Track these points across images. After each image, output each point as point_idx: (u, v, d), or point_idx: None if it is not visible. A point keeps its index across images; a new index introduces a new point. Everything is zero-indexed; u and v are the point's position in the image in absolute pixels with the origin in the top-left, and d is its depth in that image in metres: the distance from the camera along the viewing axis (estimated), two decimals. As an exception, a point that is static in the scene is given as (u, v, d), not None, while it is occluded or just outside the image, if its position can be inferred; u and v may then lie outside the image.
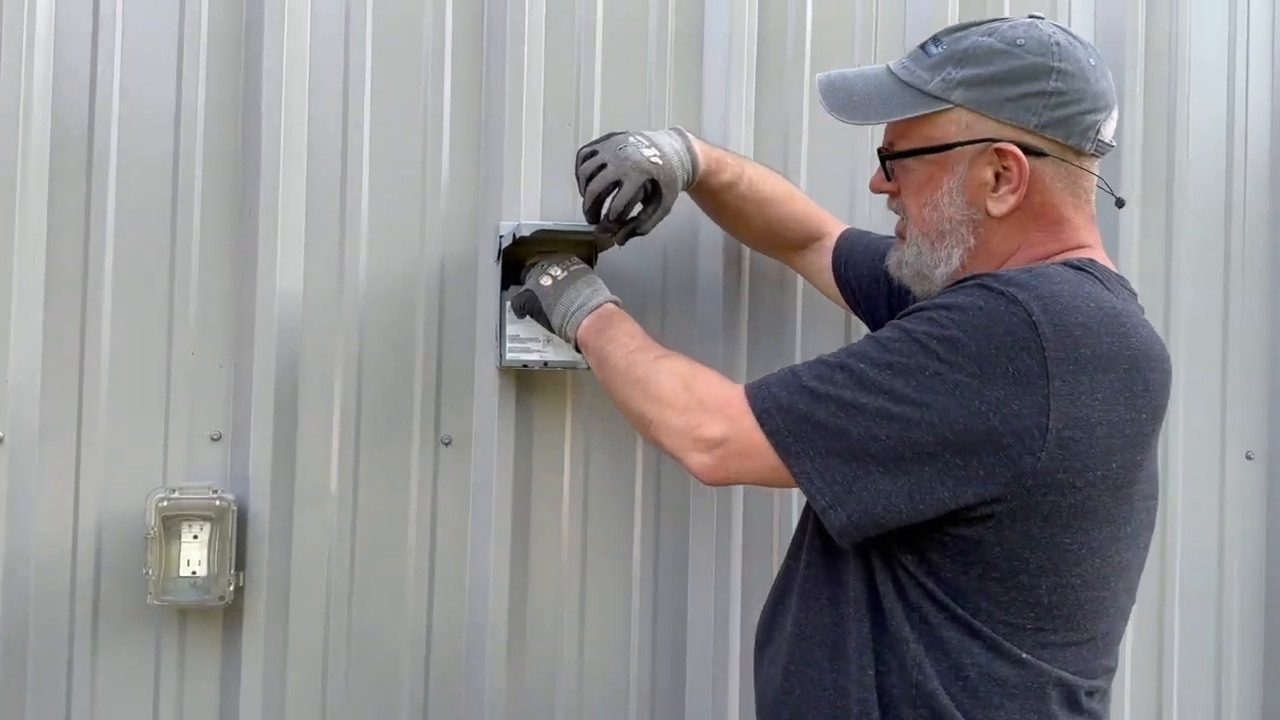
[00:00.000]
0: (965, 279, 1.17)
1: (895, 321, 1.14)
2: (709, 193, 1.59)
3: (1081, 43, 1.19)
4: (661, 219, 1.50)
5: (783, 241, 1.70)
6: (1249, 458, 2.06)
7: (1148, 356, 1.12)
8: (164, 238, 1.64)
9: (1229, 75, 2.05)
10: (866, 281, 1.58)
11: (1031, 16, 1.22)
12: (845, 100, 1.24)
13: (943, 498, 1.08)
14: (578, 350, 1.49)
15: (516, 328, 1.65)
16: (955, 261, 1.22)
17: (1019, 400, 1.04)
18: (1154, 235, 1.99)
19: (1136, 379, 1.10)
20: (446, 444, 1.71)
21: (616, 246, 1.56)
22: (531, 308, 1.54)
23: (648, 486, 1.76)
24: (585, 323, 1.45)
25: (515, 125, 1.72)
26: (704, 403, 1.22)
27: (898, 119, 1.22)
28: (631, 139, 1.46)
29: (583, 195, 1.47)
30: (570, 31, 1.76)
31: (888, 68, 1.24)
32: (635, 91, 1.78)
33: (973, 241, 1.21)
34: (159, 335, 1.64)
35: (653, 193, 1.47)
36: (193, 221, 1.65)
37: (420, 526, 1.70)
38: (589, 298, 1.48)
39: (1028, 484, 1.06)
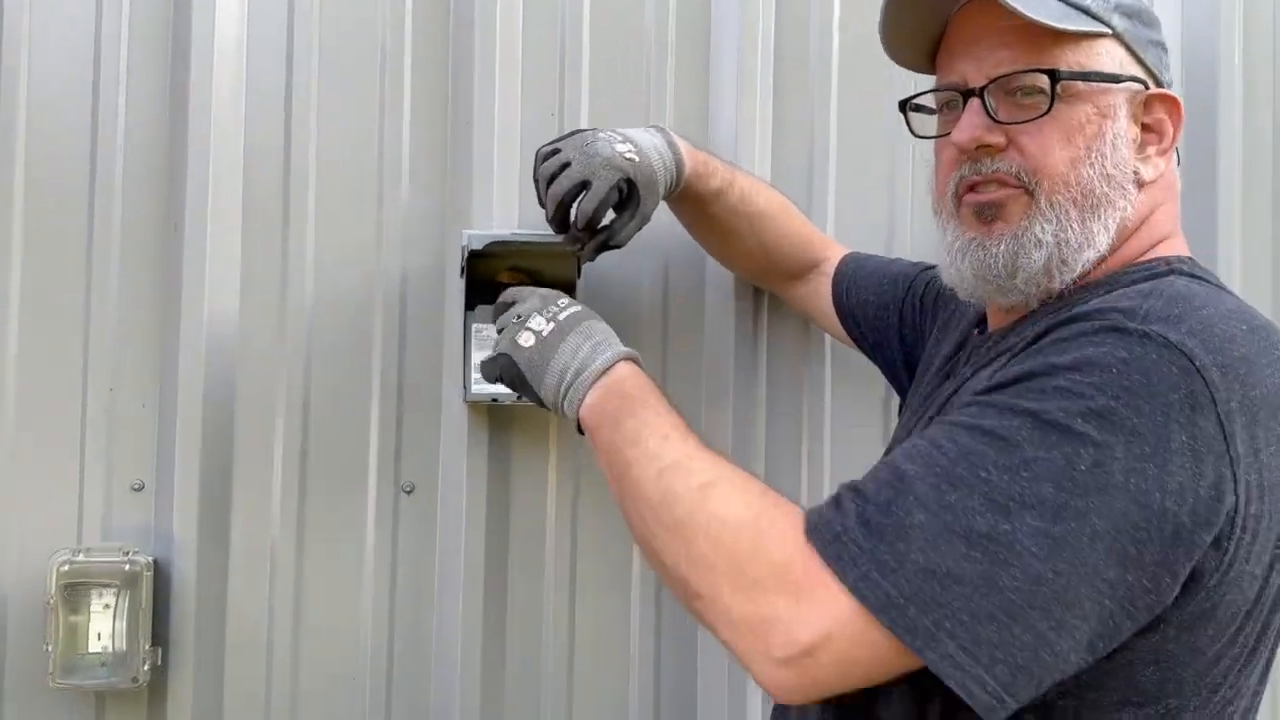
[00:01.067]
0: (1068, 313, 0.84)
1: (995, 397, 0.80)
2: (695, 201, 1.32)
3: None
4: (640, 228, 1.24)
5: (778, 266, 1.43)
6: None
7: None
8: (79, 258, 1.42)
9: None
10: (873, 309, 1.31)
11: None
12: None
13: (1124, 630, 0.76)
14: (580, 431, 1.06)
15: (484, 355, 1.38)
16: (1103, 245, 0.90)
17: (1204, 479, 0.74)
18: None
19: None
20: (408, 492, 1.46)
21: (588, 260, 1.29)
22: (509, 377, 1.11)
23: (647, 542, 1.48)
24: (590, 400, 1.03)
25: (487, 117, 1.47)
26: (781, 574, 0.79)
27: (1070, 28, 0.88)
28: (602, 134, 1.21)
29: (542, 202, 1.21)
30: (553, 12, 1.50)
31: None
32: (631, 83, 1.51)
33: (1130, 213, 0.91)
34: (73, 370, 1.41)
35: (629, 196, 1.21)
36: (111, 238, 1.43)
37: (378, 590, 1.45)
38: (589, 357, 1.04)
39: (1211, 584, 0.77)
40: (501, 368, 1.11)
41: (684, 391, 1.48)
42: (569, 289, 1.41)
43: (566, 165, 1.18)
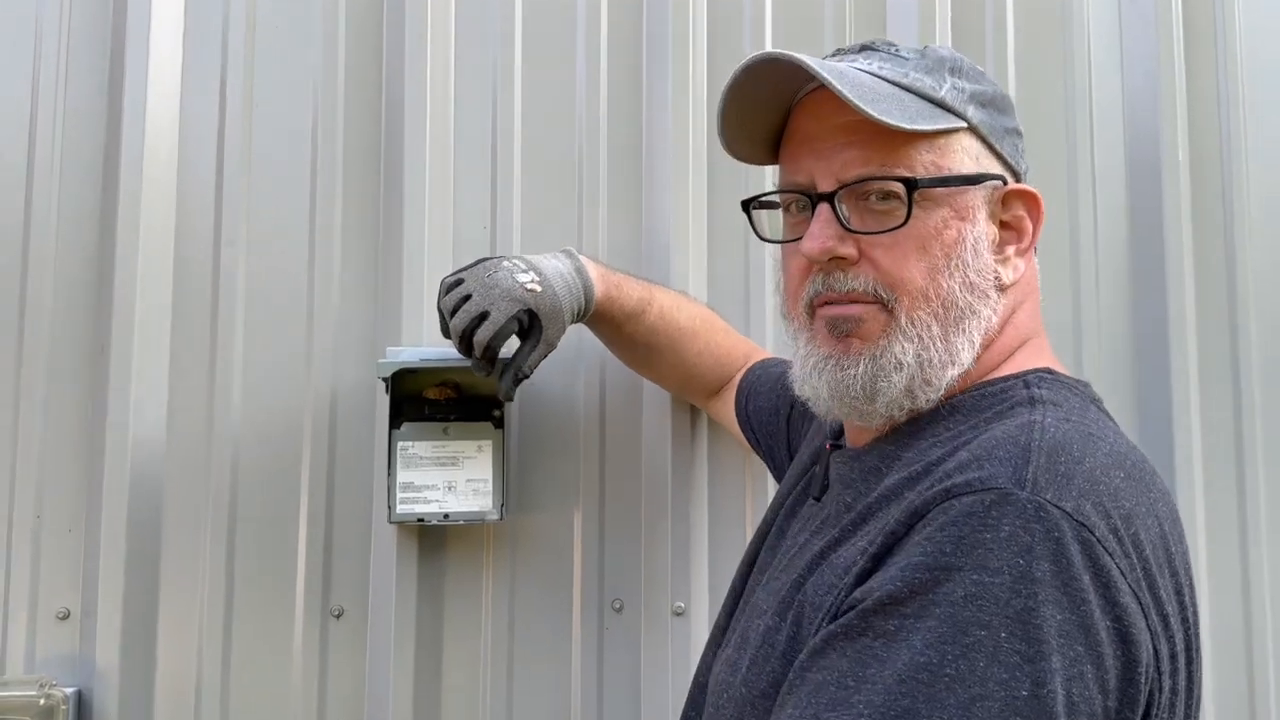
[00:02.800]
0: (939, 470, 0.75)
1: (899, 618, 0.68)
2: (609, 323, 1.30)
3: None
4: (545, 355, 1.22)
5: (698, 383, 1.39)
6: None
7: (1175, 521, 0.78)
8: (8, 381, 1.42)
9: None
10: (766, 415, 1.25)
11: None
12: (853, 87, 0.80)
13: None
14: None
15: (410, 474, 1.37)
16: (967, 359, 0.83)
17: (1135, 663, 0.68)
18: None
19: (1178, 562, 0.75)
20: (337, 616, 1.42)
21: (507, 398, 1.26)
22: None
23: (588, 673, 1.42)
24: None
25: (418, 230, 1.45)
26: None
27: (925, 128, 0.81)
28: (505, 264, 1.20)
29: (445, 332, 1.21)
30: (484, 126, 1.49)
31: (854, 68, 0.85)
32: (564, 191, 1.49)
33: (993, 322, 0.84)
34: (-2, 495, 1.40)
35: (530, 325, 1.19)
36: (39, 360, 1.42)
37: (306, 717, 1.40)
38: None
39: None
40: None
41: (623, 499, 1.44)
42: (497, 402, 1.39)
43: (468, 297, 1.17)
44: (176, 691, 1.39)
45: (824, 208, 0.83)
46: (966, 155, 0.84)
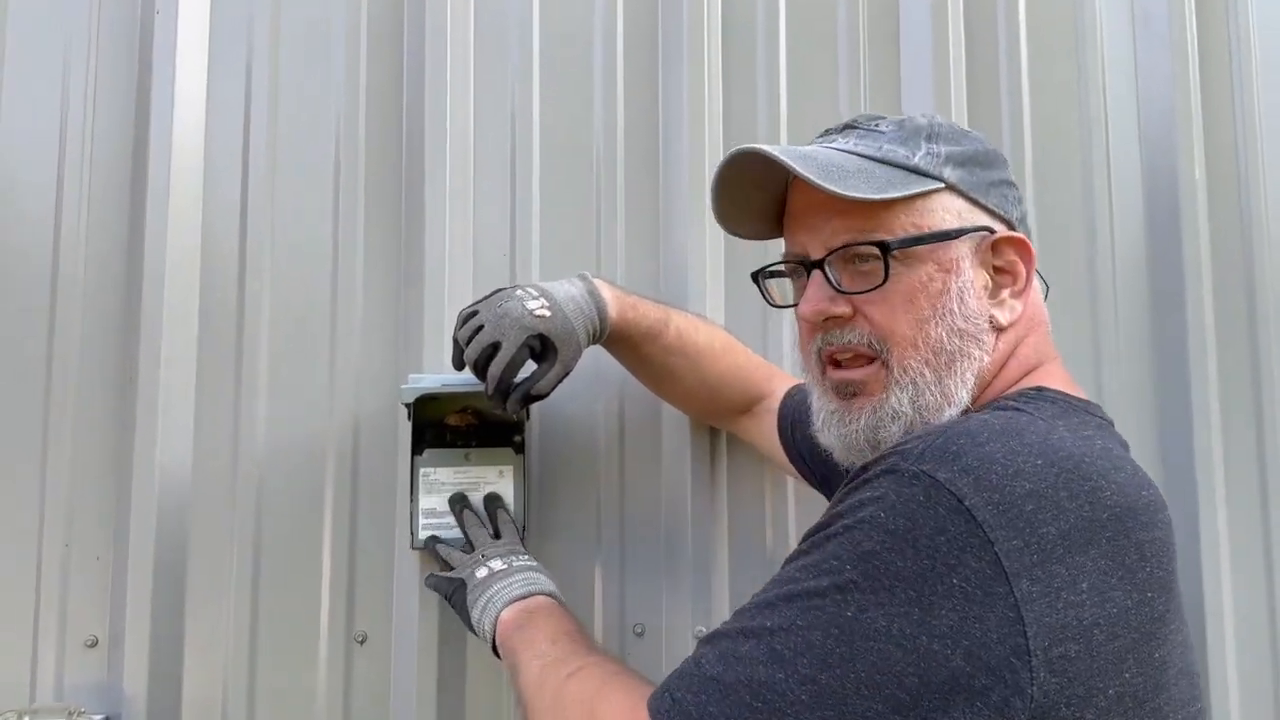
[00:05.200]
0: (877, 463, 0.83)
1: (796, 550, 0.82)
2: (627, 345, 1.31)
3: None
4: (560, 377, 1.22)
5: (722, 404, 1.40)
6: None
7: (1133, 510, 0.79)
8: (36, 413, 1.43)
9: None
10: (815, 441, 1.25)
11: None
12: (819, 169, 0.89)
13: None
14: (496, 654, 1.17)
15: (432, 500, 1.38)
16: (963, 399, 0.91)
17: (980, 622, 0.73)
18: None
19: (1127, 547, 0.78)
20: (361, 642, 1.43)
21: (525, 418, 1.29)
22: (457, 601, 1.25)
23: (607, 689, 1.43)
24: (505, 615, 1.17)
25: (438, 258, 1.47)
26: None
27: (895, 195, 0.90)
28: (518, 292, 1.23)
29: (455, 364, 1.23)
30: (504, 145, 1.51)
31: (829, 148, 0.95)
32: (582, 217, 1.51)
33: (986, 362, 0.92)
34: (28, 524, 1.42)
35: (544, 350, 1.21)
36: (68, 392, 1.44)
37: (331, 744, 1.41)
38: (515, 589, 1.20)
39: None
40: (453, 588, 1.25)
41: (644, 523, 1.45)
42: (517, 427, 1.40)
43: (481, 328, 1.20)
44: (203, 717, 1.40)
45: (816, 274, 0.93)
46: (947, 213, 0.92)
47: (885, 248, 0.89)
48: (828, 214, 0.92)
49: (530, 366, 1.23)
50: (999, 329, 0.92)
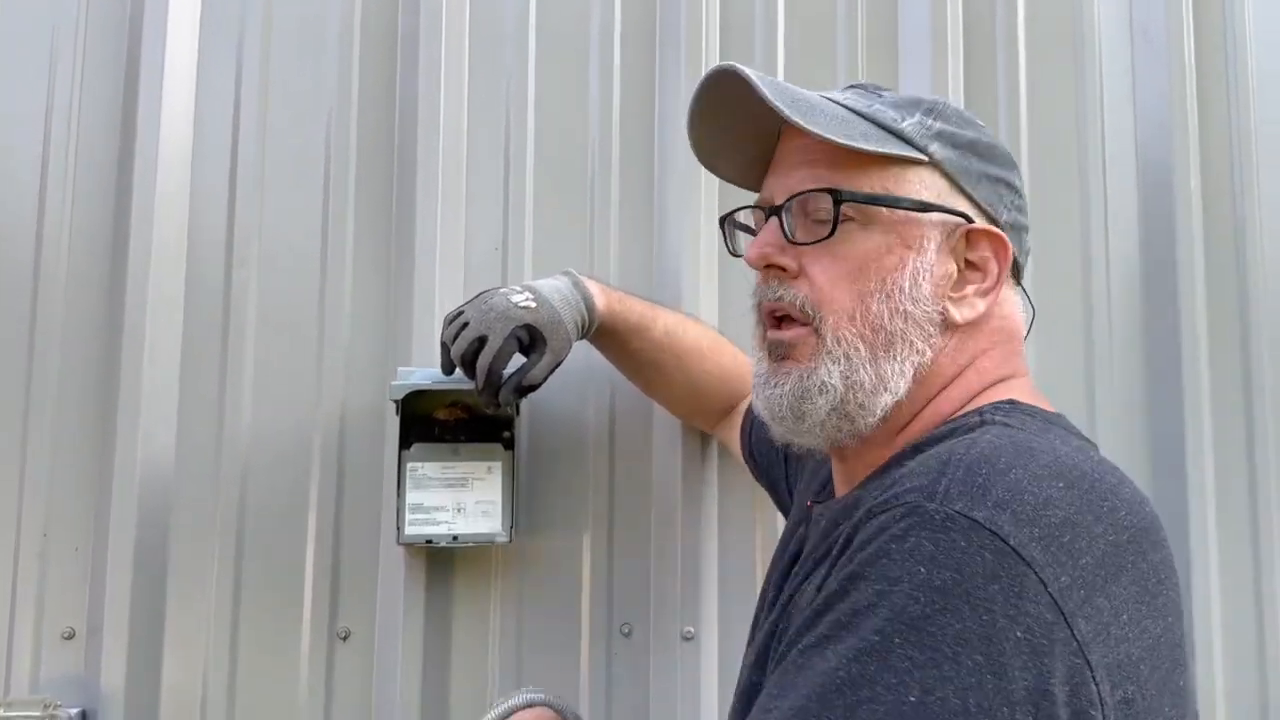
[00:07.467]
0: (871, 501, 0.73)
1: (815, 631, 0.69)
2: (615, 338, 1.31)
3: None
4: (551, 366, 1.22)
5: (706, 404, 1.39)
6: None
7: (1145, 530, 0.73)
8: (17, 400, 1.41)
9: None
10: (766, 446, 1.23)
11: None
12: (791, 100, 0.82)
13: None
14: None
15: (419, 495, 1.36)
16: (900, 389, 0.83)
17: (1053, 677, 0.64)
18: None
19: (1147, 570, 0.71)
20: (344, 638, 1.41)
21: (515, 412, 1.28)
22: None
23: (596, 697, 1.41)
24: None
25: (429, 251, 1.46)
26: None
27: (865, 148, 0.82)
28: (502, 289, 1.23)
29: (444, 367, 1.24)
30: (498, 141, 1.50)
31: (820, 95, 0.87)
32: (576, 212, 1.50)
33: (929, 356, 0.83)
34: (4, 511, 1.39)
35: (533, 342, 1.21)
36: (49, 380, 1.42)
37: (312, 742, 1.39)
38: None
39: None
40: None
41: (633, 522, 1.44)
42: (507, 422, 1.39)
43: (466, 325, 1.20)
44: (181, 713, 1.37)
45: (773, 219, 0.86)
46: (924, 188, 0.84)
47: (837, 197, 0.82)
48: (800, 160, 0.86)
49: (519, 360, 1.22)
50: (952, 325, 0.83)
